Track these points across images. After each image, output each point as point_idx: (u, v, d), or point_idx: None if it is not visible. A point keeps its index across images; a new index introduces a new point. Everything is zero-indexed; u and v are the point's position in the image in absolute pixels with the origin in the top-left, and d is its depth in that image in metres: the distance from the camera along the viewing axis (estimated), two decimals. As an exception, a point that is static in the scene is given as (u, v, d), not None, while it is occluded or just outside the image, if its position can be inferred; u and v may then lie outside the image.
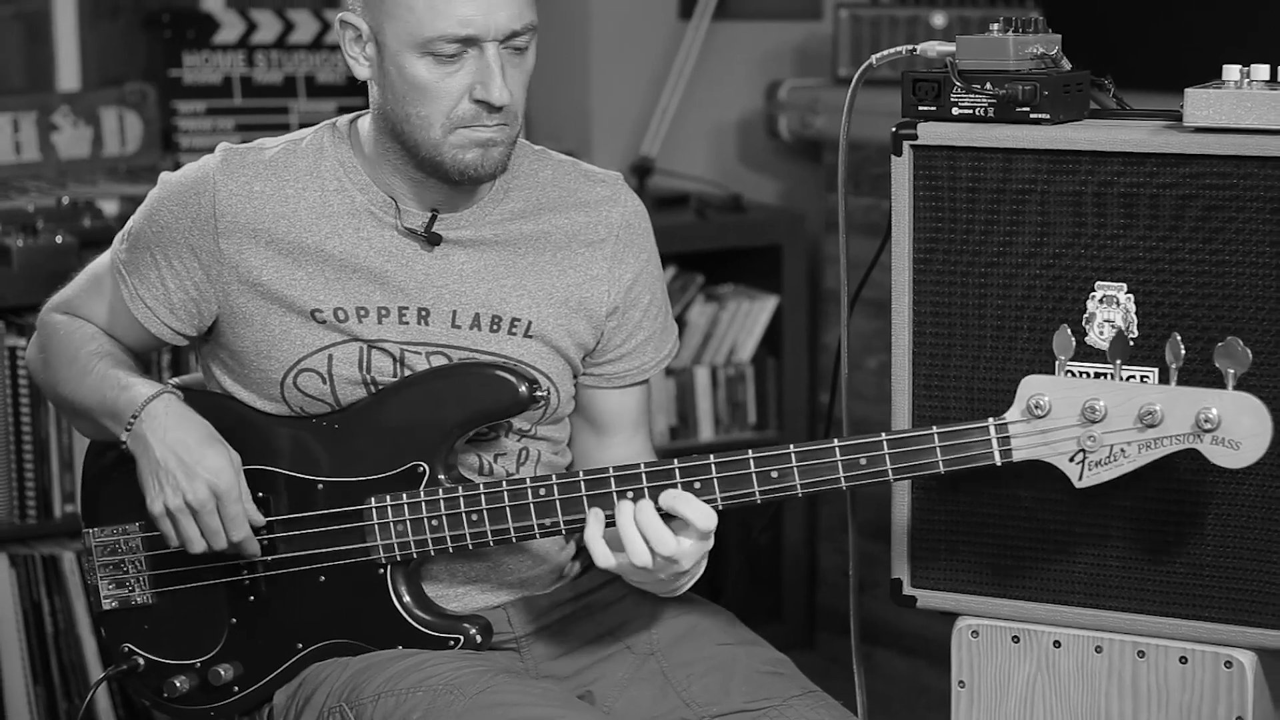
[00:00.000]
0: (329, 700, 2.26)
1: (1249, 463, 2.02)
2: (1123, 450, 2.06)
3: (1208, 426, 2.01)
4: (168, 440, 2.27)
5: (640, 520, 2.15)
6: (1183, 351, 2.03)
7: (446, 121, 2.22)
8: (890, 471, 2.14)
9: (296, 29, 4.22)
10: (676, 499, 2.16)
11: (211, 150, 2.36)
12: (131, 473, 2.31)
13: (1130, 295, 2.15)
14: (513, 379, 2.27)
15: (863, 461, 2.14)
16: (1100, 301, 2.16)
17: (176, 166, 2.41)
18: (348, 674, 2.27)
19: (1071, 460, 2.08)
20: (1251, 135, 2.07)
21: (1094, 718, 2.23)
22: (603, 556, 2.17)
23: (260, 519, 2.30)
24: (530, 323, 2.32)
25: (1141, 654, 2.20)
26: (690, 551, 2.17)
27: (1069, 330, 2.09)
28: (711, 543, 2.20)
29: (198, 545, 2.27)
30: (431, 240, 2.30)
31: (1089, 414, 2.06)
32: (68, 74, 4.17)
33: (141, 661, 2.39)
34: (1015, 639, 2.25)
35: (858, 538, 2.37)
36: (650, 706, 2.29)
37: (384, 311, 2.29)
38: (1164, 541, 2.18)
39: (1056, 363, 2.09)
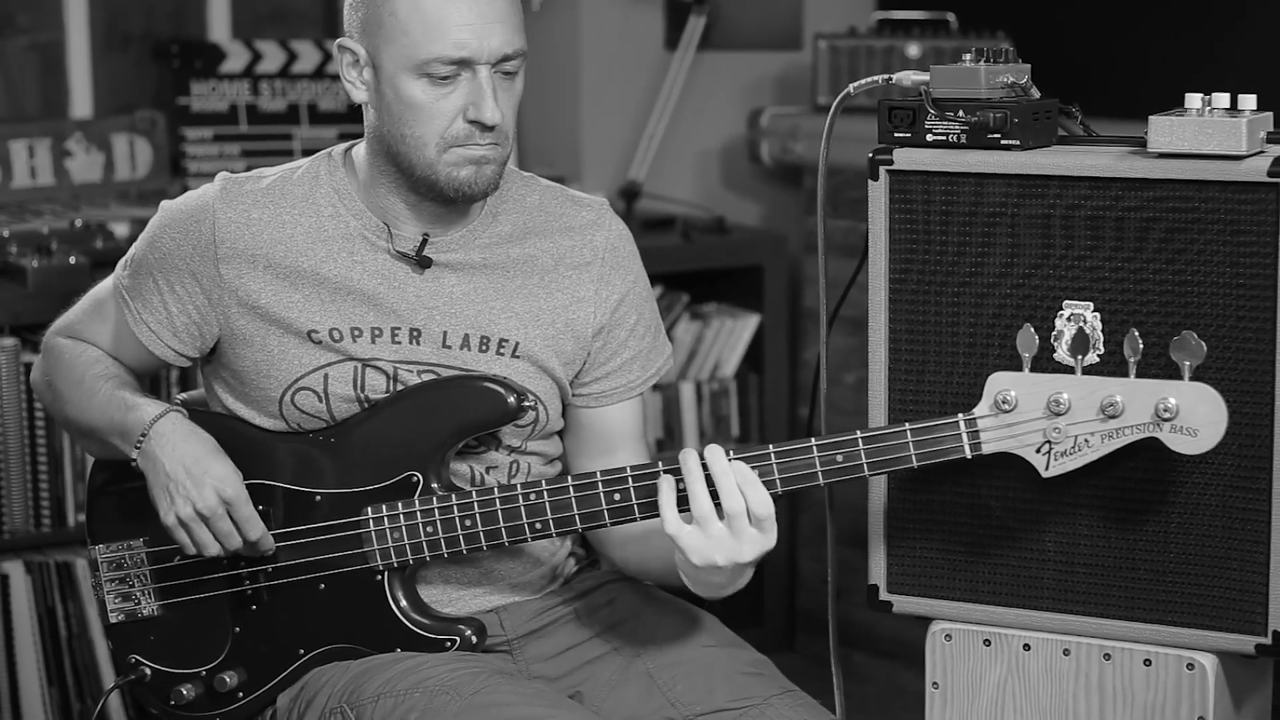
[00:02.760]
0: (330, 702, 2.27)
1: (1206, 449, 2.05)
2: (1086, 440, 2.08)
3: (1167, 416, 2.05)
4: (176, 454, 2.29)
5: (735, 474, 2.15)
6: (1140, 345, 2.06)
7: (441, 141, 2.24)
8: (866, 467, 2.16)
9: (299, 59, 4.21)
10: (745, 474, 2.15)
11: (214, 177, 2.38)
12: (135, 489, 2.34)
13: (1097, 314, 2.18)
14: (501, 390, 2.29)
15: (839, 458, 2.16)
16: (1068, 320, 2.19)
17: (184, 189, 2.44)
18: (348, 676, 2.28)
19: (1038, 451, 2.10)
20: (1212, 160, 2.11)
21: (1062, 718, 2.25)
22: (673, 522, 2.16)
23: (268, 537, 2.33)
24: (518, 343, 2.35)
25: (1108, 656, 2.22)
26: (754, 537, 2.15)
27: (1032, 329, 2.11)
28: (772, 540, 2.16)
29: (212, 549, 2.30)
30: (422, 264, 2.32)
31: (1053, 407, 2.08)
32: (81, 102, 4.16)
33: (149, 671, 2.40)
34: (987, 642, 2.28)
35: (836, 545, 2.38)
36: (637, 706, 2.30)
37: (377, 332, 2.32)
38: (1129, 549, 2.21)
39: (1021, 359, 2.11)
